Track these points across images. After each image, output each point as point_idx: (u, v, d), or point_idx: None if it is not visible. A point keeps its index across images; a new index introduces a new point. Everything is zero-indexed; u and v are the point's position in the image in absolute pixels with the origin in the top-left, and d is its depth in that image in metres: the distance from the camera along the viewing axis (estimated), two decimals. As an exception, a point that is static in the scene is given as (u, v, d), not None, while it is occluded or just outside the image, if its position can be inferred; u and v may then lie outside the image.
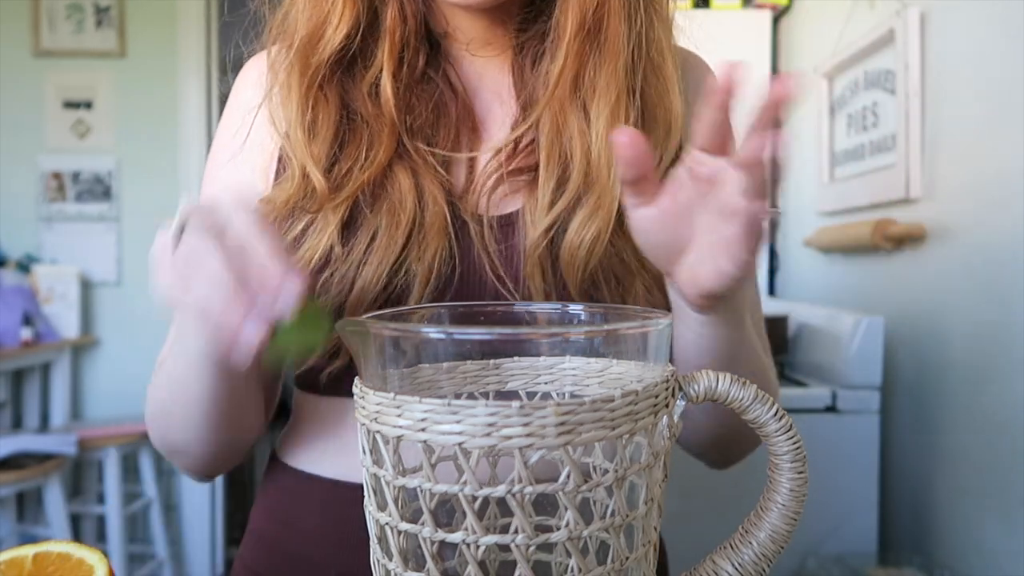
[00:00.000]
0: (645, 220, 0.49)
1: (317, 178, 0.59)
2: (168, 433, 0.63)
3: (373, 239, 0.58)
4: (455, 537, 0.35)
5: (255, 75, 0.66)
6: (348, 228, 0.59)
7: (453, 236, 0.59)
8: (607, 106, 0.58)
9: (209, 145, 0.75)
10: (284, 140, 0.61)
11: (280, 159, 0.63)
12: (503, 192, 0.61)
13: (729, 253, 0.45)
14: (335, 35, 0.60)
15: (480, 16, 0.62)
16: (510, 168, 0.60)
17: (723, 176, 0.45)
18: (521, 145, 0.61)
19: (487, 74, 0.65)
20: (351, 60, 0.62)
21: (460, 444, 0.34)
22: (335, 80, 0.62)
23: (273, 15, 0.64)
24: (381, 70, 0.61)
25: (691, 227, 0.48)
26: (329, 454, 0.64)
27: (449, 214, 0.59)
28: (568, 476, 0.35)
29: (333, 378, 0.61)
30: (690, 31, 0.69)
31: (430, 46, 0.65)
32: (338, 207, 0.58)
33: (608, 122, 0.58)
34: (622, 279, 0.59)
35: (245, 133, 0.65)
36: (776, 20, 2.59)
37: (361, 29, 0.61)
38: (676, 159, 0.61)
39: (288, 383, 0.70)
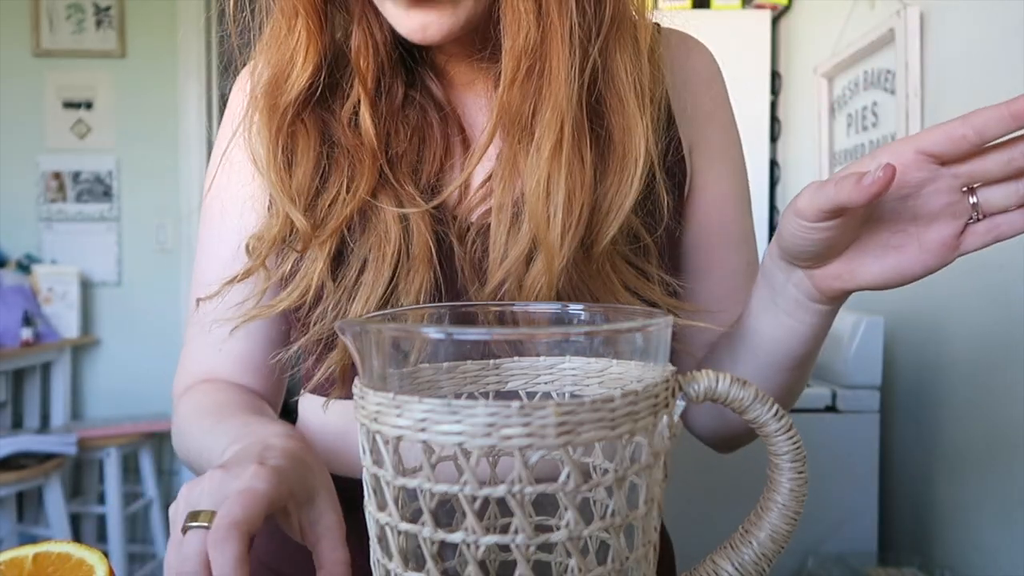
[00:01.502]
0: (813, 231, 0.47)
1: (298, 219, 0.58)
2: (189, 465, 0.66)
3: (361, 272, 0.57)
4: (455, 537, 0.35)
5: (241, 100, 0.65)
6: (337, 262, 0.58)
7: (439, 267, 0.58)
8: (545, 154, 0.54)
9: (209, 145, 0.76)
10: (263, 177, 0.60)
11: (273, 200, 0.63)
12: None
13: (924, 256, 0.47)
14: (301, 74, 0.59)
15: (450, 45, 0.60)
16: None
17: (940, 183, 0.45)
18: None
19: (474, 84, 0.64)
20: (327, 93, 0.61)
21: (460, 444, 0.34)
22: (313, 112, 0.61)
23: (258, 34, 0.62)
24: (359, 101, 0.60)
25: (860, 228, 0.48)
26: (335, 453, 0.64)
27: (434, 244, 0.58)
28: (568, 476, 0.35)
29: (336, 399, 0.62)
30: (690, 30, 0.68)
31: (412, 63, 0.63)
32: (324, 243, 0.58)
33: (547, 170, 0.54)
34: None
35: (231, 181, 0.65)
36: (776, 20, 2.58)
37: (329, 65, 0.60)
38: (650, 190, 0.60)
39: (291, 385, 0.71)
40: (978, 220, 0.46)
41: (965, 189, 0.46)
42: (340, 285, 0.58)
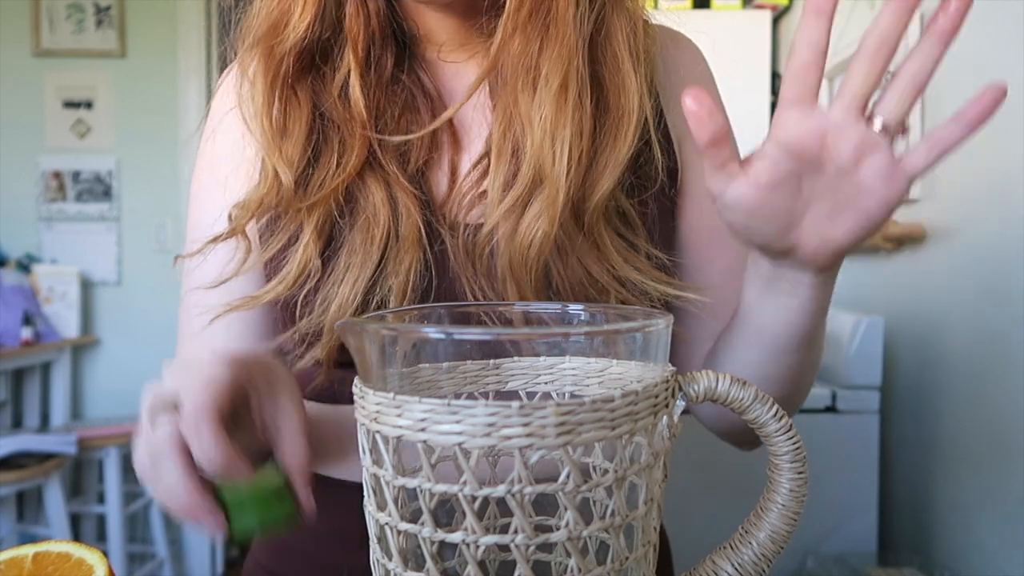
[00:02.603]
0: (744, 199, 0.47)
1: (283, 172, 0.58)
2: None
3: (350, 255, 0.57)
4: (455, 537, 0.35)
5: (227, 87, 0.65)
6: (328, 246, 0.58)
7: (428, 249, 0.57)
8: (553, 90, 0.55)
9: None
10: (253, 133, 0.60)
11: (262, 161, 0.62)
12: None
13: (872, 197, 0.45)
14: (299, 23, 0.59)
15: (449, 15, 0.60)
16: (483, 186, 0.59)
17: (833, 133, 0.44)
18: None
19: (463, 77, 0.63)
20: (321, 58, 0.61)
21: (460, 444, 0.34)
22: (305, 81, 0.61)
23: (245, 17, 0.63)
24: (350, 71, 0.60)
25: (800, 196, 0.47)
26: (334, 456, 0.64)
27: (424, 226, 0.57)
28: (568, 476, 0.35)
29: (330, 397, 0.61)
30: (691, 31, 0.68)
31: (400, 47, 0.63)
32: (311, 211, 0.57)
33: (554, 108, 0.55)
34: (592, 298, 0.58)
35: (220, 146, 0.65)
36: (776, 20, 2.59)
37: (325, 22, 0.60)
38: (646, 153, 0.60)
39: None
40: (901, 135, 0.45)
41: (867, 119, 0.44)
42: (331, 271, 0.57)
